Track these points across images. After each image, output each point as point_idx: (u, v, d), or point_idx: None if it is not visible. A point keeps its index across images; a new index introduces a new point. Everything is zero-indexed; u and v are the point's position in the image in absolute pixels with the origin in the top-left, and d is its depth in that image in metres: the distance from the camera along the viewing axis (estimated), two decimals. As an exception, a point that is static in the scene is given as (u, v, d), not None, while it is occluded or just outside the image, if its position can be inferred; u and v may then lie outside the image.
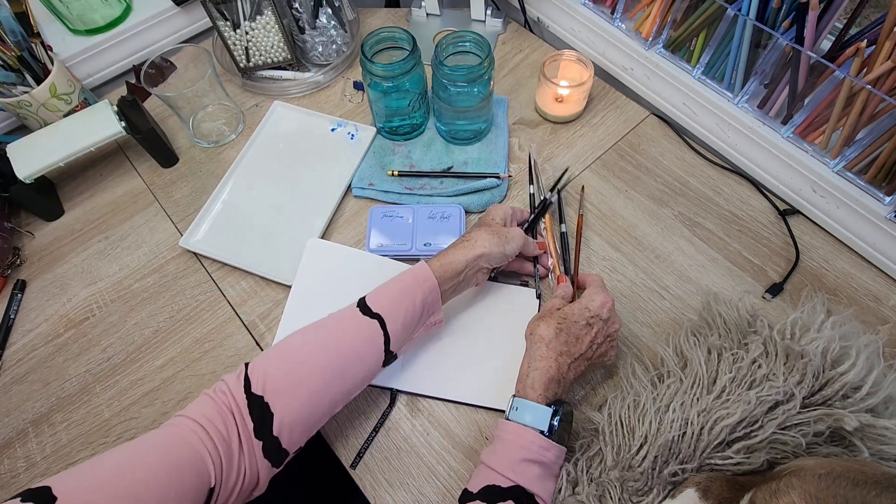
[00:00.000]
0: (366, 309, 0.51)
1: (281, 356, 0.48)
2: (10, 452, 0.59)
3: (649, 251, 0.66)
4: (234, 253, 0.68)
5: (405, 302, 0.51)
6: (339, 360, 0.49)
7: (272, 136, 0.78)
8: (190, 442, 0.41)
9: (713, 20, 0.64)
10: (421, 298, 0.52)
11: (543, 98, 0.75)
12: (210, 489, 0.41)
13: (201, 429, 0.42)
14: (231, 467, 0.42)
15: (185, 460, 0.40)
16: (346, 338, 0.49)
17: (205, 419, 0.43)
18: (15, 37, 0.68)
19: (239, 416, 0.44)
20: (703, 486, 0.43)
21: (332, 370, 0.48)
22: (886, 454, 0.45)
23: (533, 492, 0.46)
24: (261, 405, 0.45)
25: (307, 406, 0.47)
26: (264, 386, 0.45)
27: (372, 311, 0.50)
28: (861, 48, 0.53)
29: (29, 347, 0.65)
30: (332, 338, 0.50)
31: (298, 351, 0.49)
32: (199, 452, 0.41)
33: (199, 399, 0.45)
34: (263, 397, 0.45)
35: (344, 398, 0.50)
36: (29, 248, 0.72)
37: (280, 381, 0.46)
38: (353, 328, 0.50)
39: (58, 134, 0.70)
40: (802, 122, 0.62)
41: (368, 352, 0.50)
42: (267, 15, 0.75)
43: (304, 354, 0.48)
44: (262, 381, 0.46)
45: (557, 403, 0.49)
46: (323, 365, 0.48)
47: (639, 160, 0.73)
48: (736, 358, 0.51)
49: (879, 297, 0.61)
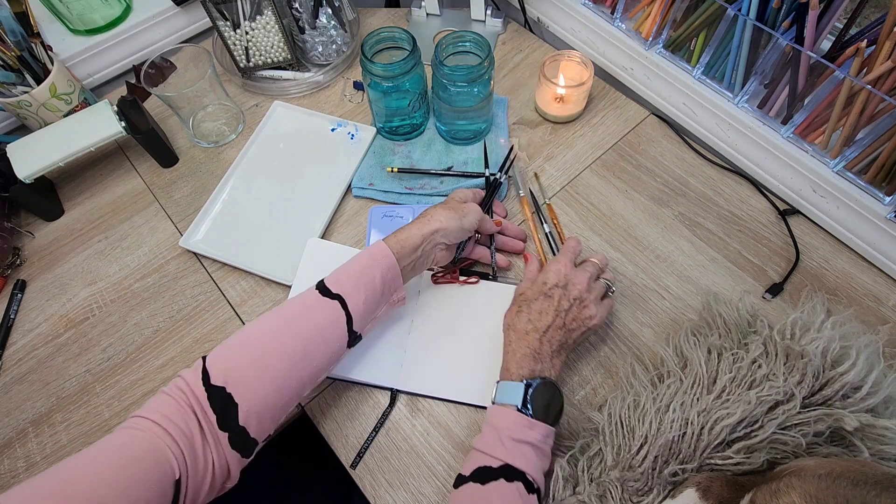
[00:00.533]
0: (325, 290, 0.50)
1: (242, 345, 0.47)
2: (10, 452, 0.59)
3: (649, 251, 0.66)
4: (234, 253, 0.68)
5: (363, 279, 0.51)
6: (303, 343, 0.48)
7: (272, 136, 0.78)
8: (147, 438, 0.40)
9: (713, 20, 0.64)
10: (381, 276, 0.52)
11: (543, 98, 0.75)
12: (176, 480, 0.40)
13: (157, 426, 0.41)
14: (196, 460, 0.42)
15: (143, 453, 0.39)
16: (308, 321, 0.49)
17: (161, 416, 0.42)
18: (15, 37, 0.68)
19: (199, 409, 0.43)
20: (703, 486, 0.43)
21: (295, 353, 0.47)
22: (886, 454, 0.45)
23: (524, 470, 0.46)
24: (223, 396, 0.44)
25: (273, 393, 0.46)
26: (226, 376, 0.45)
27: (332, 292, 0.50)
28: (861, 48, 0.53)
29: (29, 347, 0.65)
30: (293, 322, 0.49)
31: (260, 338, 0.48)
32: (158, 446, 0.40)
33: (155, 397, 0.44)
34: (226, 388, 0.44)
35: (311, 382, 0.50)
36: (29, 248, 0.72)
37: (243, 370, 0.45)
38: (314, 310, 0.50)
39: (58, 134, 0.70)
40: (802, 122, 0.62)
41: (332, 333, 0.50)
42: (267, 15, 0.75)
43: (266, 341, 0.48)
44: (223, 371, 0.45)
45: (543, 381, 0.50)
46: (286, 350, 0.47)
47: (639, 160, 0.73)
48: (736, 358, 0.51)
49: (879, 297, 0.61)
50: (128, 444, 0.40)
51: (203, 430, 0.43)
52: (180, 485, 0.40)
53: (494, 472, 0.46)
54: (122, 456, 0.39)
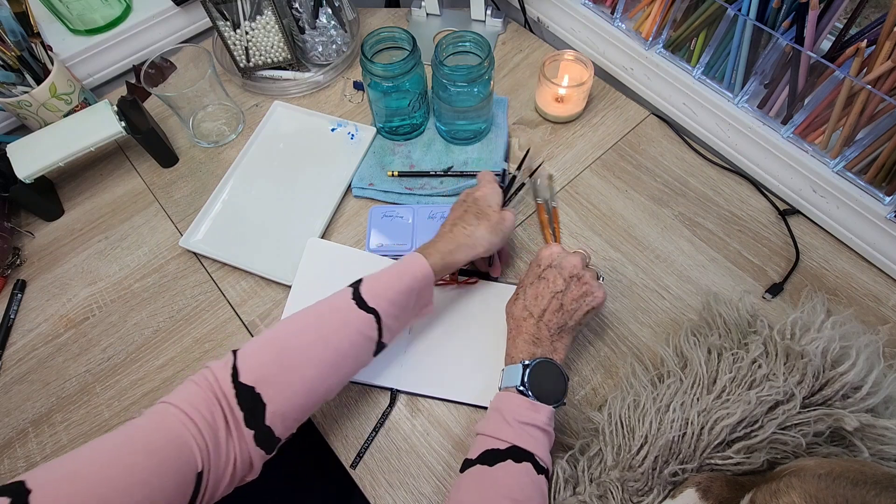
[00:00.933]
0: (361, 302, 0.50)
1: (274, 347, 0.47)
2: (10, 452, 0.59)
3: (649, 251, 0.66)
4: (234, 253, 0.68)
5: (401, 298, 0.51)
6: (335, 355, 0.48)
7: (272, 136, 0.78)
8: (173, 428, 0.41)
9: (713, 20, 0.64)
10: (417, 296, 0.52)
11: (543, 98, 0.75)
12: (198, 473, 0.40)
13: (184, 415, 0.41)
14: (219, 453, 0.42)
15: (167, 444, 0.39)
16: (342, 332, 0.49)
17: (188, 405, 0.42)
18: (15, 37, 0.68)
19: (227, 404, 0.43)
20: (703, 486, 0.43)
21: (326, 363, 0.48)
22: (886, 454, 0.45)
23: (532, 451, 0.46)
24: (252, 396, 0.44)
25: (301, 397, 0.46)
26: (256, 377, 0.45)
27: (368, 306, 0.50)
28: (861, 48, 0.53)
29: (29, 347, 0.65)
30: (327, 331, 0.49)
31: (293, 341, 0.48)
32: (183, 436, 0.40)
33: (183, 385, 0.44)
34: (255, 388, 0.44)
35: (337, 388, 0.50)
36: (29, 248, 0.72)
37: (273, 372, 0.46)
38: (349, 322, 0.50)
39: (58, 134, 0.70)
40: (802, 122, 0.62)
41: (363, 346, 0.50)
42: (267, 15, 0.75)
43: (299, 345, 0.48)
44: (254, 371, 0.45)
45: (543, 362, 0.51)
46: (319, 358, 0.48)
47: (639, 160, 0.73)
48: (736, 358, 0.51)
49: (879, 297, 0.61)
50: (154, 434, 0.40)
51: (228, 424, 0.43)
52: (202, 478, 0.40)
53: (502, 454, 0.46)
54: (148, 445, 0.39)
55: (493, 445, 0.47)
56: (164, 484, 0.38)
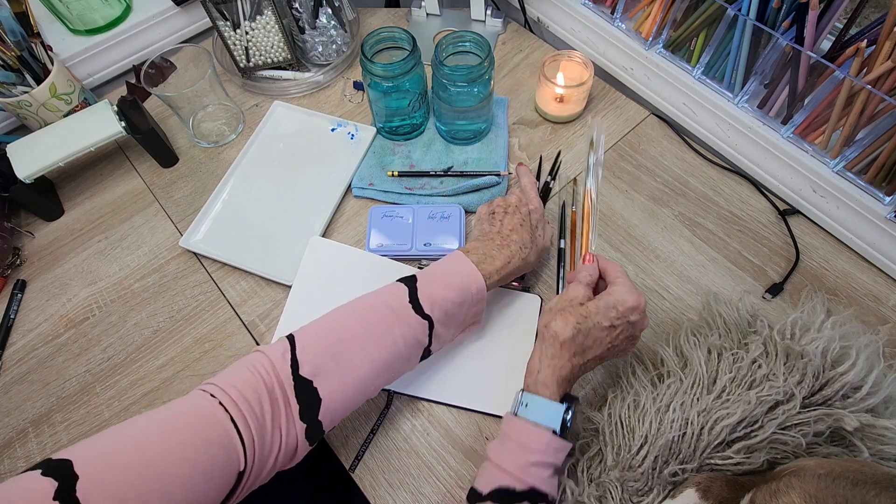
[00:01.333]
0: (418, 307, 0.49)
1: (330, 339, 0.47)
2: (10, 452, 0.59)
3: (649, 251, 0.66)
4: (234, 253, 0.68)
5: (455, 310, 0.51)
6: (389, 355, 0.48)
7: (272, 136, 0.78)
8: (221, 421, 0.39)
9: (713, 20, 0.64)
10: (468, 313, 0.53)
11: (543, 98, 0.75)
12: (240, 472, 0.39)
13: (233, 405, 0.40)
14: (263, 448, 0.41)
15: (214, 440, 0.39)
16: (397, 333, 0.48)
17: (237, 393, 0.41)
18: (15, 37, 0.68)
19: (283, 395, 0.43)
20: (703, 486, 0.43)
21: (381, 363, 0.48)
22: (886, 454, 0.45)
23: (547, 492, 0.45)
24: (310, 390, 0.44)
25: (352, 395, 0.47)
26: (315, 371, 0.45)
27: (424, 312, 0.49)
28: (861, 48, 0.53)
29: (29, 347, 0.65)
30: (382, 329, 0.48)
31: (350, 339, 0.47)
32: (229, 433, 0.39)
33: (234, 369, 0.43)
34: (313, 382, 0.44)
35: (380, 389, 0.50)
36: (29, 248, 0.72)
37: (330, 366, 0.45)
38: (405, 324, 0.49)
39: (58, 134, 0.70)
40: (802, 122, 0.62)
41: (415, 350, 0.50)
42: (267, 15, 0.75)
43: (354, 340, 0.47)
44: (313, 365, 0.45)
45: (568, 399, 0.48)
46: (373, 358, 0.47)
47: (639, 160, 0.73)
48: (736, 358, 0.51)
49: (879, 297, 0.61)
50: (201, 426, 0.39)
51: (279, 416, 0.43)
52: (242, 476, 0.40)
53: (518, 496, 0.44)
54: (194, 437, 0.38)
55: (508, 484, 0.44)
56: (208, 475, 0.38)
